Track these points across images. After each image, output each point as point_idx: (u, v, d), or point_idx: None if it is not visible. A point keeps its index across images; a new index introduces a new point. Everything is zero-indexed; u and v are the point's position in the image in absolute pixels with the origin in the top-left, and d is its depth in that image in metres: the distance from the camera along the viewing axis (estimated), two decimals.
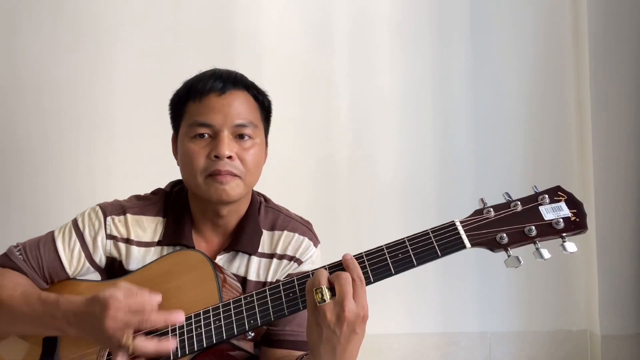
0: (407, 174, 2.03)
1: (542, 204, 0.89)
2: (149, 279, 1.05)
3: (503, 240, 0.86)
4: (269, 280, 1.14)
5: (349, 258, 0.88)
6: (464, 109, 2.04)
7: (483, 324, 2.02)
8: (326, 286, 0.84)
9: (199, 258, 1.03)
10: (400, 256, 0.89)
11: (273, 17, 2.03)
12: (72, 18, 1.97)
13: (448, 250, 0.87)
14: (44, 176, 1.94)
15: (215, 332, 0.93)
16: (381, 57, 2.04)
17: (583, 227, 0.86)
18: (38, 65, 1.96)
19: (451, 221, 0.89)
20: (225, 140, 1.03)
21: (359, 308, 0.82)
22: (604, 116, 1.95)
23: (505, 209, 0.89)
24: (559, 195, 0.90)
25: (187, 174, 1.07)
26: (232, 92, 1.06)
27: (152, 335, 0.95)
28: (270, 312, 0.92)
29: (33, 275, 1.05)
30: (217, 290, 0.99)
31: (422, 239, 0.89)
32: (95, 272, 1.12)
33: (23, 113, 1.95)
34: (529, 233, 0.86)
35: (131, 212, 1.11)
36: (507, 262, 0.86)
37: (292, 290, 0.92)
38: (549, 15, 2.05)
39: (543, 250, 0.86)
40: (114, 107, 1.97)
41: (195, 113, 1.05)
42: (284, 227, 1.16)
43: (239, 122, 1.05)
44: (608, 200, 1.93)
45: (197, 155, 1.04)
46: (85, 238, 1.09)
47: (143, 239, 1.11)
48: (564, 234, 0.86)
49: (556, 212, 0.88)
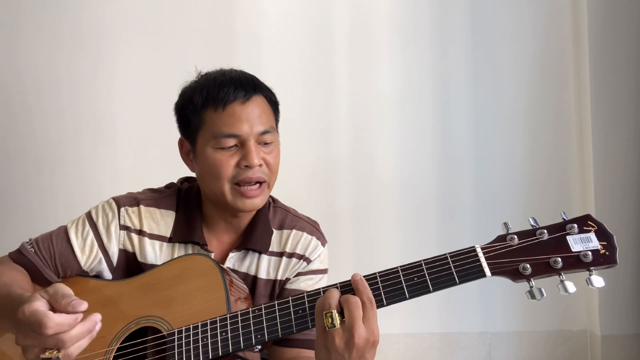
0: (407, 173, 2.03)
1: (570, 234, 0.83)
2: (157, 281, 1.03)
3: (526, 270, 0.82)
4: (279, 279, 1.14)
5: (358, 279, 0.85)
6: (464, 109, 2.04)
7: (483, 324, 2.03)
8: (336, 310, 0.81)
9: (208, 264, 1.01)
10: (415, 280, 0.85)
11: (273, 16, 2.03)
12: (74, 18, 1.98)
13: (466, 278, 0.83)
14: (49, 176, 1.96)
15: (221, 344, 0.91)
16: (381, 57, 2.04)
17: (613, 262, 0.81)
18: (39, 64, 1.97)
19: (472, 246, 0.85)
20: (253, 149, 1.03)
21: (369, 333, 0.80)
22: (604, 116, 1.93)
23: (531, 237, 0.84)
24: (589, 225, 0.84)
25: (213, 181, 1.06)
26: (253, 99, 1.06)
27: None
28: (279, 328, 0.89)
29: (43, 268, 1.04)
30: (225, 299, 0.97)
31: (439, 263, 0.85)
32: (107, 270, 1.10)
33: (25, 113, 1.97)
34: (554, 265, 0.81)
35: (144, 204, 1.11)
36: (528, 293, 0.82)
37: (301, 307, 0.89)
38: (549, 15, 2.03)
39: (568, 284, 0.81)
40: (116, 106, 1.98)
41: (220, 123, 1.04)
42: (292, 226, 1.16)
43: (263, 130, 1.05)
44: (608, 200, 1.92)
45: (225, 165, 1.04)
46: (99, 227, 1.09)
47: (155, 231, 1.10)
48: (592, 267, 0.81)
49: (585, 244, 0.82)
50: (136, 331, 1.00)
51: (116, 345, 0.99)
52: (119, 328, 1.01)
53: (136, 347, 0.99)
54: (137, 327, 1.00)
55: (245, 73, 1.11)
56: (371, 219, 2.02)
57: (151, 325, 0.99)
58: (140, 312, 1.01)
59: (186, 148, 1.12)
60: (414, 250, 1.96)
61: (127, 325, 1.00)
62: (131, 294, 1.03)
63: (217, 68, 1.13)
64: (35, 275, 1.05)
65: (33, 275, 1.05)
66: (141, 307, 1.02)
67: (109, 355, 0.98)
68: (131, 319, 1.01)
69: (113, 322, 1.01)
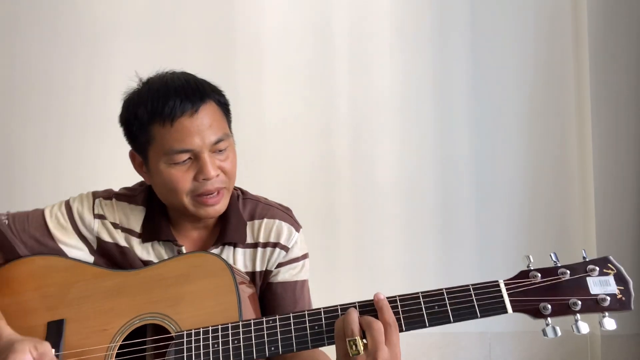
0: (407, 173, 2.04)
1: (591, 276, 0.85)
2: (163, 277, 1.00)
3: (546, 310, 0.83)
4: (257, 270, 1.12)
5: (382, 299, 0.85)
6: (464, 109, 2.04)
7: (483, 324, 2.06)
8: (359, 337, 0.80)
9: (219, 265, 0.99)
10: (436, 309, 0.86)
11: (274, 17, 2.00)
12: (71, 19, 1.95)
13: (488, 312, 0.85)
14: (46, 175, 1.95)
15: (233, 353, 0.90)
16: (381, 56, 2.03)
17: (627, 308, 0.84)
18: (36, 65, 1.94)
19: (495, 281, 0.86)
20: (208, 160, 1.00)
21: (392, 356, 0.80)
22: (604, 116, 1.95)
23: (553, 276, 0.85)
24: (609, 267, 0.86)
25: (171, 195, 1.03)
26: (202, 110, 1.00)
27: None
28: (293, 342, 0.89)
29: (14, 240, 1.05)
30: (236, 304, 0.95)
31: (461, 294, 0.86)
32: (87, 253, 1.09)
33: (23, 113, 1.95)
34: (573, 307, 0.83)
35: (117, 198, 1.12)
36: (545, 331, 0.84)
37: (318, 323, 0.89)
38: (549, 15, 2.03)
39: (582, 325, 0.84)
40: (113, 107, 1.92)
41: (170, 140, 0.99)
42: (263, 215, 1.14)
43: (216, 139, 1.01)
44: (608, 200, 1.95)
45: (182, 181, 1.01)
46: (74, 213, 1.09)
47: (125, 225, 1.10)
48: (607, 312, 0.84)
49: (603, 287, 0.84)
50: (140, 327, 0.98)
51: (119, 342, 0.97)
52: (122, 322, 0.98)
53: (141, 344, 0.97)
54: (142, 323, 0.98)
55: (189, 79, 1.04)
56: (371, 218, 2.03)
57: (157, 323, 0.97)
58: (145, 308, 0.98)
59: (138, 160, 1.08)
60: (414, 250, 2.00)
61: (131, 320, 0.98)
62: (135, 287, 1.00)
63: (160, 71, 1.07)
64: (5, 247, 1.05)
65: (3, 247, 1.05)
66: (146, 302, 0.99)
67: (111, 352, 0.96)
68: (135, 313, 0.98)
69: (116, 315, 0.99)
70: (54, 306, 1.01)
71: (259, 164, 1.99)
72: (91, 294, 1.01)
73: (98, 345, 0.97)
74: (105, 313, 0.99)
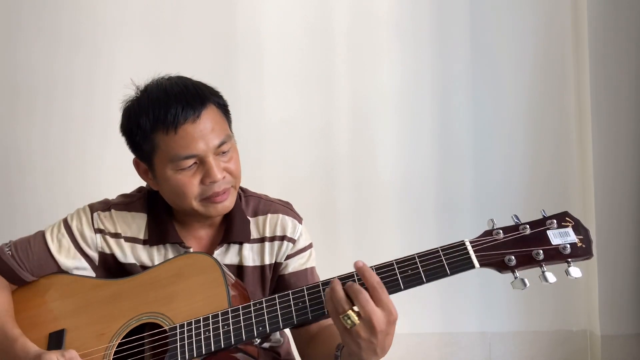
0: (407, 173, 2.04)
1: (550, 229, 0.91)
2: (157, 279, 1.06)
3: (511, 262, 0.88)
4: (267, 263, 1.16)
5: (361, 265, 0.88)
6: (464, 109, 2.05)
7: (483, 324, 2.03)
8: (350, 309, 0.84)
9: (208, 262, 1.04)
10: (409, 272, 0.91)
11: (273, 17, 2.03)
12: (72, 18, 1.97)
13: (457, 269, 0.90)
14: (47, 176, 1.95)
15: (223, 337, 0.94)
16: (381, 56, 2.05)
17: (588, 254, 0.89)
18: (37, 65, 1.96)
19: (461, 241, 0.92)
20: (214, 164, 1.04)
21: (387, 314, 0.84)
22: (604, 116, 1.93)
23: (514, 232, 0.91)
24: (567, 221, 0.92)
25: (180, 200, 1.07)
26: (203, 114, 1.04)
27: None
28: (280, 320, 0.93)
29: (19, 269, 1.08)
30: (225, 295, 1.00)
31: (432, 256, 0.91)
32: (90, 269, 1.13)
33: (23, 113, 1.96)
34: (536, 256, 0.88)
35: (115, 209, 1.14)
36: (513, 283, 0.89)
37: (301, 299, 0.94)
38: (549, 15, 2.05)
39: (548, 274, 0.88)
40: (114, 107, 1.99)
41: (174, 147, 1.02)
42: (266, 211, 1.18)
43: (219, 142, 1.05)
44: (608, 200, 1.93)
45: (189, 186, 1.05)
46: (74, 231, 1.12)
47: (128, 233, 1.13)
48: (570, 259, 0.89)
49: (563, 238, 0.90)
50: (137, 328, 1.03)
51: (117, 342, 1.01)
52: (119, 325, 1.03)
53: (137, 342, 1.01)
54: (138, 323, 1.02)
55: (187, 85, 1.07)
56: (371, 218, 2.02)
57: (152, 322, 1.02)
58: (141, 309, 1.03)
59: (143, 168, 1.12)
60: (413, 250, 1.99)
61: (127, 322, 1.03)
62: (131, 292, 1.06)
63: (155, 77, 1.10)
64: (11, 277, 1.09)
65: (9, 277, 1.09)
66: (142, 304, 1.04)
67: (109, 351, 1.00)
68: (132, 315, 1.03)
69: (113, 320, 1.03)
70: (55, 318, 1.07)
71: (259, 164, 1.98)
72: (89, 303, 1.07)
73: (99, 351, 1.02)
74: (102, 319, 1.04)
